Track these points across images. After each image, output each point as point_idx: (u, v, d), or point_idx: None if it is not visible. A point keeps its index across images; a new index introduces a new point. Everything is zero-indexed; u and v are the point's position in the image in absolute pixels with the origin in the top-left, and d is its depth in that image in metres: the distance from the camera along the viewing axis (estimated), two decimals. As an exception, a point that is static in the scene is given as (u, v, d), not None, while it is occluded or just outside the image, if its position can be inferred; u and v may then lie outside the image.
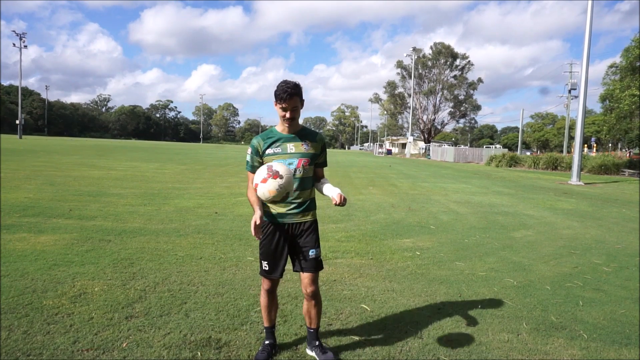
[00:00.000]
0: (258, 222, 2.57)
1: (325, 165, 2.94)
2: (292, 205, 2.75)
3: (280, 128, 2.77)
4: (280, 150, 2.71)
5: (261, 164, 2.73)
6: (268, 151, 2.72)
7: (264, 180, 2.47)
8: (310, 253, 2.79)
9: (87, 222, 6.54)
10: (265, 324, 2.98)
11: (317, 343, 2.91)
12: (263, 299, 2.95)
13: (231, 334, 3.14)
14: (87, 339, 2.94)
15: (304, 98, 2.74)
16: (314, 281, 2.82)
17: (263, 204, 2.76)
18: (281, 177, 2.46)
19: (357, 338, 3.19)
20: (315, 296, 2.85)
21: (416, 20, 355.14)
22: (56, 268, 4.35)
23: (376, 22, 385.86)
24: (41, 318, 3.21)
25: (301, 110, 2.74)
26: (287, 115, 2.66)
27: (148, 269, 4.47)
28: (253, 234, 2.59)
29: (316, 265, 2.81)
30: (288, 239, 2.80)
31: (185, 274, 4.39)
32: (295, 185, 2.70)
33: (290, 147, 2.73)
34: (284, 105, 2.63)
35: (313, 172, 2.86)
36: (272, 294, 2.93)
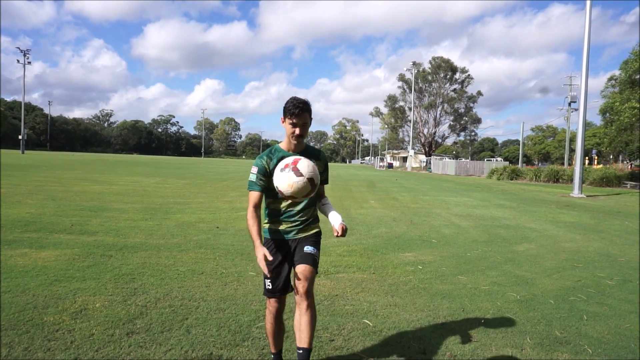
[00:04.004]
0: (269, 257, 2.40)
1: (327, 182, 2.90)
2: (297, 223, 2.71)
3: (286, 146, 2.68)
4: None
5: (267, 184, 2.62)
6: (276, 170, 2.62)
7: (282, 169, 2.46)
8: (305, 248, 2.65)
9: (89, 238, 6.54)
10: (273, 350, 2.85)
11: None
12: (269, 325, 2.78)
13: (233, 350, 3.12)
14: (88, 356, 2.92)
15: (312, 117, 2.69)
16: (309, 279, 2.57)
17: (269, 221, 2.74)
18: (298, 173, 2.44)
19: (359, 354, 3.16)
20: (308, 296, 2.57)
21: (421, 33, 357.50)
22: (57, 284, 4.34)
23: (380, 35, 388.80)
24: (42, 334, 3.20)
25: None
26: (297, 131, 2.57)
27: (149, 285, 4.46)
28: (266, 272, 2.48)
29: (312, 261, 2.61)
30: (290, 253, 2.72)
31: (187, 289, 4.38)
32: (301, 204, 2.68)
33: None
34: (294, 121, 2.56)
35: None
36: (278, 317, 2.78)
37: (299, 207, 2.69)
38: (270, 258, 2.42)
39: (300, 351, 2.56)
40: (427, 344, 3.36)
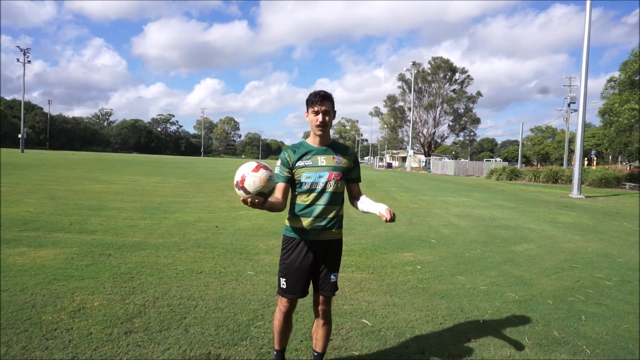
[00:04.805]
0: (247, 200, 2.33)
1: (360, 180, 2.82)
2: (319, 221, 2.62)
3: (312, 141, 2.67)
4: (310, 163, 2.60)
5: (291, 176, 2.63)
6: (298, 163, 2.61)
7: (256, 170, 2.32)
8: (332, 277, 2.70)
9: (87, 236, 6.53)
10: (277, 347, 2.86)
11: None
12: (277, 322, 2.77)
13: (231, 349, 3.12)
14: (86, 355, 2.92)
15: (335, 110, 2.67)
16: (327, 302, 2.75)
17: (291, 216, 2.68)
18: (271, 170, 2.37)
19: (357, 353, 3.16)
20: (326, 316, 2.76)
21: (422, 33, 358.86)
22: (56, 282, 4.33)
23: (381, 35, 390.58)
24: (40, 333, 3.19)
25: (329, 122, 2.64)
26: (319, 118, 2.56)
27: (148, 284, 4.45)
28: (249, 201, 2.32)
29: (334, 289, 2.73)
30: (312, 256, 2.65)
31: (185, 288, 4.37)
32: (324, 200, 2.61)
33: (322, 159, 2.62)
34: (316, 109, 2.56)
35: (348, 189, 2.77)
36: (288, 317, 2.76)
37: (321, 203, 2.61)
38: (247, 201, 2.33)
39: (316, 354, 2.84)
40: (426, 344, 3.36)
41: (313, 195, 2.61)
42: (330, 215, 2.64)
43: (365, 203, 2.74)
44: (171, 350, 3.05)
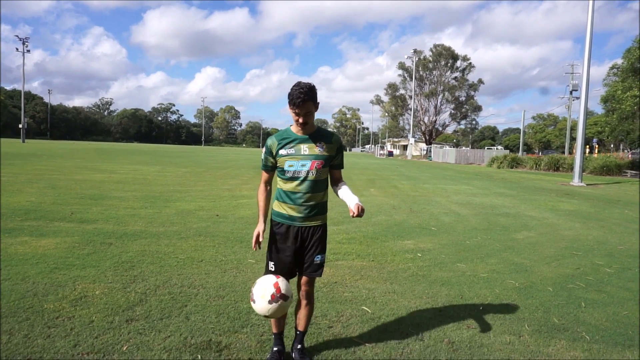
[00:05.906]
0: (261, 238, 2.67)
1: (342, 167, 2.88)
2: (304, 208, 2.71)
3: (296, 129, 2.72)
4: (293, 152, 2.67)
5: (274, 163, 2.73)
6: (281, 152, 2.68)
7: (277, 278, 2.56)
8: (316, 258, 2.77)
9: (89, 226, 6.54)
10: (274, 330, 2.92)
11: (298, 346, 2.89)
12: None
13: (232, 336, 3.13)
14: (88, 343, 2.94)
15: (318, 101, 2.70)
16: (310, 283, 2.83)
17: (277, 202, 2.79)
18: (285, 299, 2.52)
19: (357, 340, 3.17)
20: (309, 297, 2.86)
21: (424, 20, 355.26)
22: (57, 271, 4.35)
23: (383, 22, 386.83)
24: (42, 322, 3.21)
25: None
26: (300, 120, 2.62)
27: (149, 272, 4.47)
28: (253, 244, 2.66)
29: (319, 270, 2.80)
30: (298, 241, 2.75)
31: (186, 276, 4.39)
32: (306, 187, 2.69)
33: (304, 148, 2.68)
34: (297, 111, 2.59)
35: (330, 174, 2.84)
36: None
37: (303, 191, 2.69)
38: (261, 239, 2.69)
39: (298, 332, 2.93)
40: (425, 331, 3.37)
41: (295, 183, 2.69)
42: (313, 203, 2.73)
43: (342, 192, 2.82)
44: (172, 338, 3.06)
